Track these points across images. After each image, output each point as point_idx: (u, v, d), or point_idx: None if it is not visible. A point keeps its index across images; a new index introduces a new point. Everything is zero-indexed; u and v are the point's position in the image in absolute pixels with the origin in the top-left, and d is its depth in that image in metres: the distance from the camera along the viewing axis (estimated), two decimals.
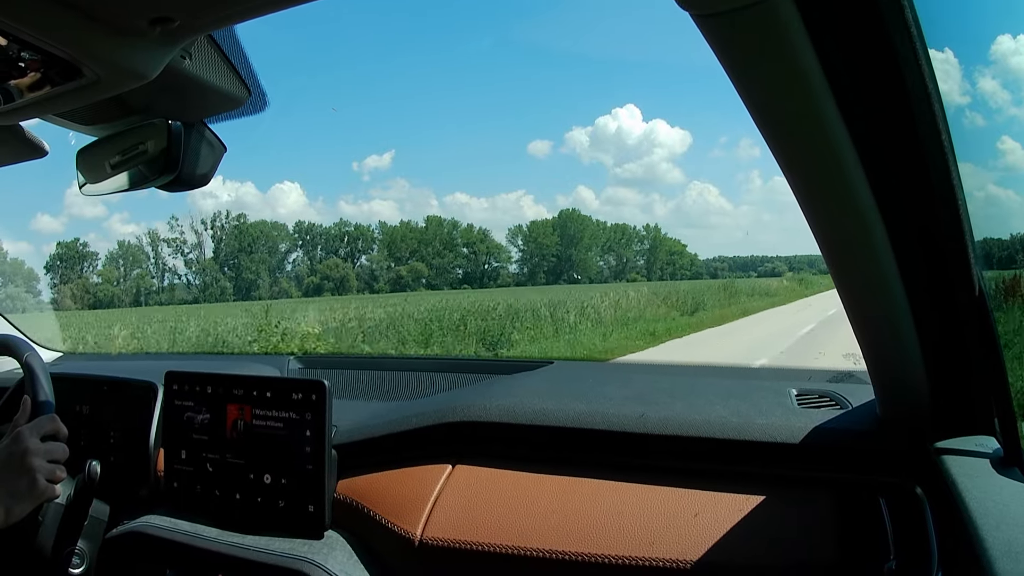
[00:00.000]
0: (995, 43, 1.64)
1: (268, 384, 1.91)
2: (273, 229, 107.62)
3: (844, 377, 2.08)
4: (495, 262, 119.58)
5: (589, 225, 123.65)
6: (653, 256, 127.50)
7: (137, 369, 2.43)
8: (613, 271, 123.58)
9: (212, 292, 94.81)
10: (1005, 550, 1.07)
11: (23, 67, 1.17)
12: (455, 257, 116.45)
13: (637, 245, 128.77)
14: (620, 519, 1.63)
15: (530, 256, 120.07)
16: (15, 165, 1.85)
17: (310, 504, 1.85)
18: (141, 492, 2.11)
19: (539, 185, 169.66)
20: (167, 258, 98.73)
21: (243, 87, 1.49)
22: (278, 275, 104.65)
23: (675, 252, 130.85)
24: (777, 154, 1.08)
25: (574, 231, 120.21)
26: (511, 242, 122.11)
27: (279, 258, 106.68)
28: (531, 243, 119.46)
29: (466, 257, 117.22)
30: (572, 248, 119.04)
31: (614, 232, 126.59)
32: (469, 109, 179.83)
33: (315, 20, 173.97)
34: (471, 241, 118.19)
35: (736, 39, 0.91)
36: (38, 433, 1.78)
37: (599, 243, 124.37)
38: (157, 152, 1.51)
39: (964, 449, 1.39)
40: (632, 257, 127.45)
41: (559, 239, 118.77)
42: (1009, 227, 2.05)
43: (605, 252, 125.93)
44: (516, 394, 2.01)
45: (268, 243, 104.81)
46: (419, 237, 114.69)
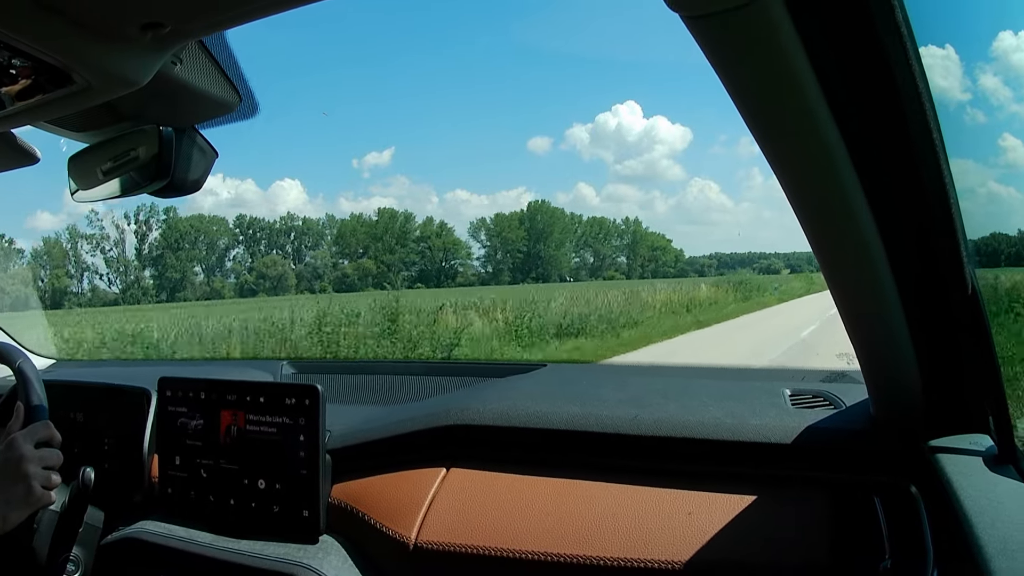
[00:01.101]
0: (996, 40, 1.65)
1: (261, 389, 1.91)
2: (212, 224, 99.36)
3: (838, 377, 2.09)
4: (453, 259, 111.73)
5: (560, 218, 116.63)
6: (633, 252, 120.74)
7: (131, 375, 2.43)
8: (590, 268, 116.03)
9: (133, 294, 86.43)
10: (1000, 548, 1.07)
11: (14, 74, 1.17)
12: (407, 253, 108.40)
13: (616, 240, 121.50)
14: (614, 521, 1.64)
15: (494, 252, 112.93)
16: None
17: (304, 509, 1.84)
18: (135, 498, 2.10)
19: (540, 182, 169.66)
20: (86, 256, 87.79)
21: (234, 92, 1.49)
22: (217, 273, 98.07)
23: (658, 248, 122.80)
24: (768, 154, 1.09)
25: (543, 225, 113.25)
26: (473, 237, 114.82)
27: (218, 255, 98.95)
28: (495, 238, 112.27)
29: (419, 253, 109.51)
30: (541, 243, 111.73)
31: (590, 226, 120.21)
32: (469, 106, 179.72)
33: (315, 19, 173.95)
34: (426, 236, 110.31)
35: (726, 40, 0.91)
36: (32, 439, 1.78)
37: (573, 238, 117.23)
38: (149, 158, 1.51)
39: (958, 447, 1.40)
40: (610, 253, 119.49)
41: (526, 234, 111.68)
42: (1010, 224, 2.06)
43: (581, 248, 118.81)
44: (510, 397, 2.01)
45: (207, 239, 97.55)
46: (369, 232, 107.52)
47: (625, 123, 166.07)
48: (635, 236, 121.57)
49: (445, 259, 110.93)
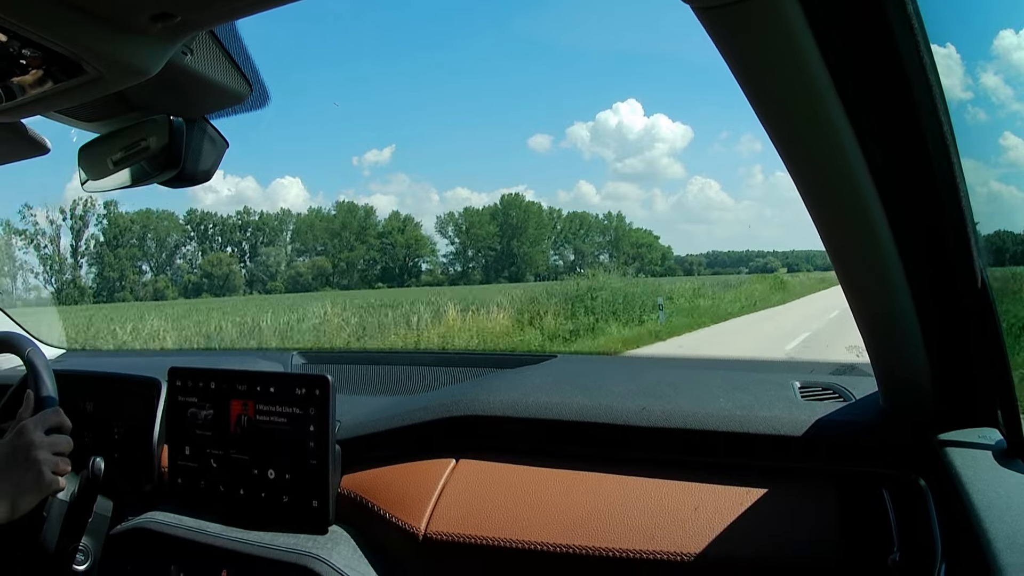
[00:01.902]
0: (998, 38, 1.63)
1: (271, 379, 1.92)
2: (162, 219, 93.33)
3: (847, 369, 2.08)
4: (417, 256, 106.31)
5: (535, 213, 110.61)
6: (616, 249, 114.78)
7: (140, 365, 2.43)
8: (569, 266, 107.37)
9: (69, 294, 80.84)
10: (1009, 542, 1.07)
11: (24, 64, 1.17)
12: (367, 251, 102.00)
13: (598, 237, 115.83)
14: (623, 512, 1.64)
15: (463, 249, 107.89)
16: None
17: (314, 499, 1.85)
18: (145, 488, 2.11)
19: (540, 180, 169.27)
20: (19, 253, 78.71)
21: (245, 83, 1.49)
22: (167, 271, 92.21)
23: (643, 244, 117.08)
24: (780, 149, 1.08)
25: (517, 220, 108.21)
26: (441, 232, 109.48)
27: (168, 252, 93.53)
28: (463, 234, 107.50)
29: (380, 250, 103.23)
30: (514, 240, 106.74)
31: (570, 222, 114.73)
32: (470, 104, 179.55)
33: (314, 16, 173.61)
34: (387, 231, 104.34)
35: (738, 32, 0.91)
36: (42, 426, 1.78)
37: (551, 234, 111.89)
38: (159, 148, 1.51)
39: (967, 441, 1.39)
40: (591, 250, 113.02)
41: (499, 229, 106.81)
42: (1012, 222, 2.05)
43: (559, 245, 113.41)
44: (519, 388, 2.01)
45: (156, 235, 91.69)
46: (327, 227, 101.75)
47: (626, 121, 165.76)
48: (617, 232, 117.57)
49: (409, 256, 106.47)
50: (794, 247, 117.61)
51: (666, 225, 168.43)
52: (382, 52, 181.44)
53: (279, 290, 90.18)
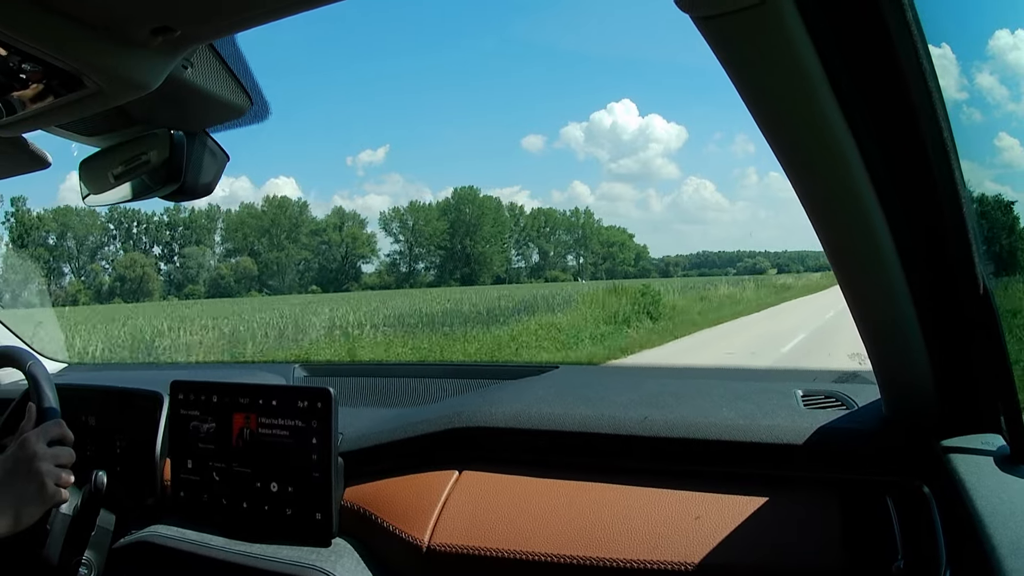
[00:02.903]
0: (993, 38, 1.64)
1: (273, 392, 1.92)
2: (81, 217, 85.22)
3: (849, 377, 2.08)
4: (357, 257, 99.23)
5: (491, 209, 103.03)
6: (584, 249, 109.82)
7: (142, 379, 2.43)
8: (532, 268, 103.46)
9: None
10: (1013, 548, 1.07)
11: (25, 78, 1.17)
12: (299, 250, 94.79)
13: (565, 235, 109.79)
14: (626, 523, 1.63)
15: (409, 249, 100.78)
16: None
17: (317, 512, 1.85)
18: (148, 502, 2.11)
19: (534, 180, 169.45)
20: None
21: (245, 96, 1.49)
22: (88, 274, 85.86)
23: (614, 243, 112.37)
24: (779, 155, 1.09)
25: (471, 217, 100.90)
26: (385, 230, 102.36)
27: (89, 253, 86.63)
28: (408, 232, 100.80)
29: (313, 250, 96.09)
30: (467, 239, 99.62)
31: (534, 219, 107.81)
32: (464, 104, 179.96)
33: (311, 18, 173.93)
34: (321, 229, 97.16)
35: (736, 41, 0.91)
36: (45, 438, 1.78)
37: (512, 233, 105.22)
38: (160, 162, 1.52)
39: (970, 447, 1.39)
40: (558, 250, 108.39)
41: (449, 227, 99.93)
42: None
43: (522, 244, 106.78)
44: (522, 399, 2.01)
45: (75, 235, 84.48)
46: (256, 224, 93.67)
47: (620, 121, 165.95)
48: (585, 230, 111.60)
49: (347, 257, 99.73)
50: (786, 248, 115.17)
51: (661, 225, 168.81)
52: (378, 53, 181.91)
53: (199, 294, 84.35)
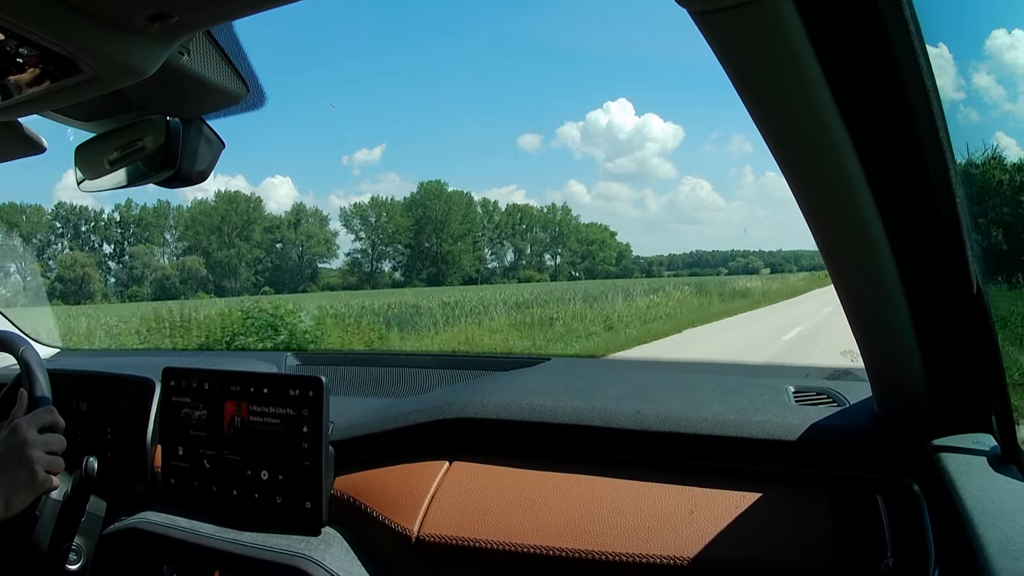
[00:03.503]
0: (990, 38, 1.64)
1: (265, 380, 1.91)
2: (28, 215, 78.18)
3: (841, 374, 2.08)
4: (312, 255, 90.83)
5: (459, 205, 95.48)
6: (560, 247, 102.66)
7: (135, 365, 2.43)
8: (505, 267, 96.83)
9: None
10: (1002, 547, 1.07)
11: (21, 63, 1.17)
12: (250, 248, 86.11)
13: (542, 232, 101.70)
14: (616, 516, 1.64)
15: (372, 247, 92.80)
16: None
17: (307, 501, 1.85)
18: (138, 488, 2.11)
19: (530, 180, 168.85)
20: None
21: (241, 83, 1.49)
22: (25, 274, 77.26)
23: (594, 241, 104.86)
24: (776, 152, 1.09)
25: (437, 213, 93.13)
26: (347, 227, 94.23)
27: (35, 252, 76.27)
28: (370, 229, 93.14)
29: (266, 249, 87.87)
30: (434, 236, 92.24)
31: (509, 216, 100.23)
32: (460, 103, 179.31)
33: (307, 15, 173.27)
34: (275, 226, 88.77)
35: (734, 36, 0.91)
36: (36, 425, 1.78)
37: (485, 230, 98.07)
38: (155, 148, 1.51)
39: (961, 447, 1.39)
40: (536, 248, 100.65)
41: (413, 223, 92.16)
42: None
43: (496, 242, 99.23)
44: (513, 391, 2.01)
45: (20, 232, 74.95)
46: (206, 221, 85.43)
47: (616, 121, 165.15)
48: (561, 227, 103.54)
49: (304, 256, 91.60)
50: (781, 247, 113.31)
51: (658, 225, 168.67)
52: (373, 52, 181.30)
53: (144, 296, 76.56)
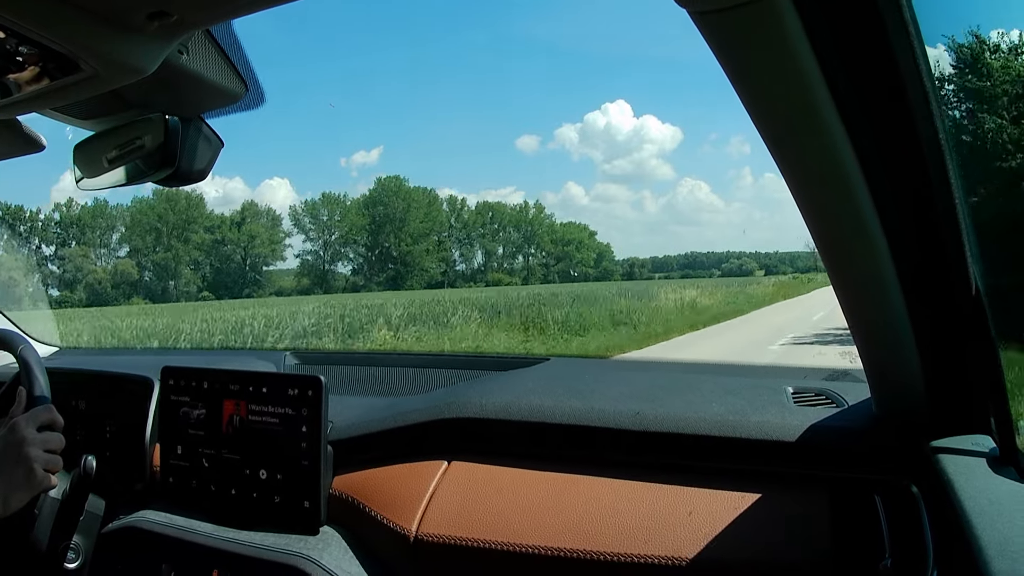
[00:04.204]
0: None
1: (264, 380, 1.91)
2: None
3: (840, 375, 2.09)
4: (257, 257, 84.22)
5: (421, 203, 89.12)
6: (532, 247, 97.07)
7: (133, 364, 2.43)
8: (474, 269, 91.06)
9: None
10: (1000, 549, 1.07)
11: (20, 61, 1.17)
12: (189, 250, 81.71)
13: (513, 232, 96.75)
14: (615, 516, 1.64)
15: (323, 248, 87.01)
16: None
17: (306, 500, 1.85)
18: (137, 487, 2.11)
19: (529, 181, 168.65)
20: None
21: (240, 82, 1.49)
22: None
23: (570, 241, 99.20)
24: (774, 151, 1.09)
25: (396, 211, 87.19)
26: (298, 226, 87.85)
27: None
28: (321, 228, 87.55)
29: (206, 251, 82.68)
30: (392, 236, 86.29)
31: (479, 215, 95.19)
32: (458, 105, 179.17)
33: (305, 16, 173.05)
34: (216, 225, 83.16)
35: (734, 36, 0.91)
36: (34, 423, 1.78)
37: (451, 230, 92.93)
38: (154, 147, 1.52)
39: (960, 448, 1.39)
40: (508, 250, 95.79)
41: (369, 222, 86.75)
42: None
43: (465, 243, 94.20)
44: (512, 391, 2.01)
45: None
46: (143, 221, 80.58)
47: (614, 122, 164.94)
48: (533, 225, 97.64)
49: (248, 258, 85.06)
50: (778, 248, 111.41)
51: (656, 227, 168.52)
52: (370, 53, 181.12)
53: (75, 302, 72.81)
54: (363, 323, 29.01)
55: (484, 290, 64.94)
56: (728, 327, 29.29)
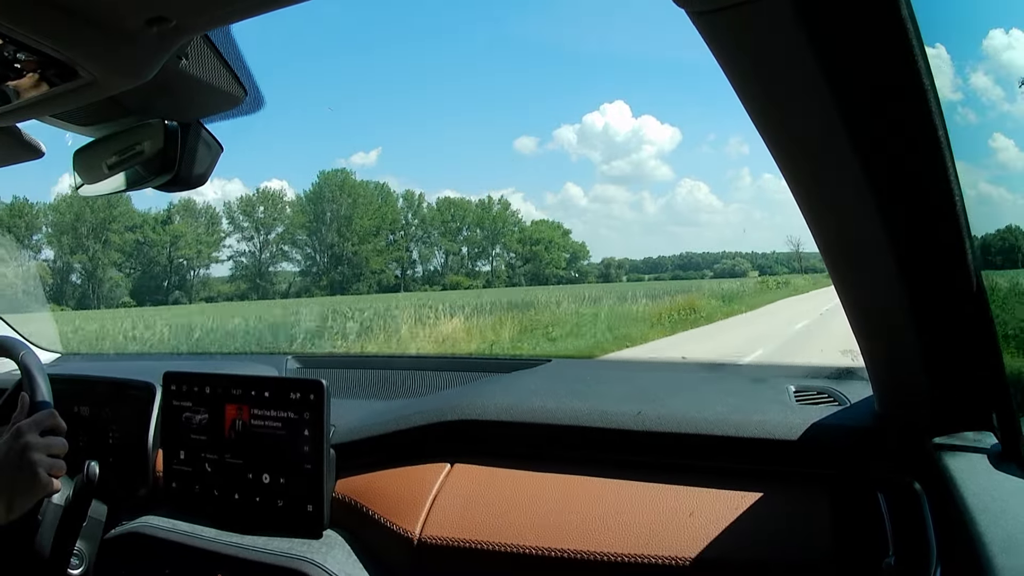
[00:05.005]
0: (987, 38, 1.64)
1: (266, 384, 1.92)
2: None
3: (842, 374, 2.08)
4: (182, 259, 73.03)
5: (370, 198, 78.22)
6: (497, 247, 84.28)
7: (135, 370, 2.43)
8: (430, 271, 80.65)
9: None
10: (1003, 545, 1.07)
11: (19, 68, 1.17)
12: (108, 252, 69.69)
13: (476, 231, 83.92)
14: (618, 517, 1.64)
15: (259, 249, 75.64)
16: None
17: (309, 504, 1.85)
18: (140, 492, 2.11)
19: (528, 183, 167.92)
20: None
21: (239, 87, 1.49)
22: None
23: (539, 241, 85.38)
24: (774, 151, 1.09)
25: (342, 208, 76.59)
26: (234, 225, 76.16)
27: None
28: (258, 226, 75.86)
29: (127, 252, 71.05)
30: (336, 235, 75.90)
31: (440, 211, 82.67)
32: (456, 105, 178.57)
33: (304, 17, 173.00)
34: (137, 224, 71.42)
35: (732, 36, 0.91)
36: (37, 428, 1.77)
37: (408, 228, 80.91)
38: (154, 152, 1.51)
39: (962, 444, 1.39)
40: (471, 249, 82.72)
41: (309, 219, 76.53)
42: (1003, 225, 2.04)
43: (422, 241, 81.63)
44: (514, 393, 2.02)
45: None
46: (59, 220, 68.37)
47: (613, 123, 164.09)
48: (497, 224, 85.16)
49: (171, 260, 74.37)
50: (775, 249, 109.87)
51: (655, 227, 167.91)
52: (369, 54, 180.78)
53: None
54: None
55: (439, 294, 62.64)
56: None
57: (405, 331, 26.74)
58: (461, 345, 24.34)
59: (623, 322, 28.39)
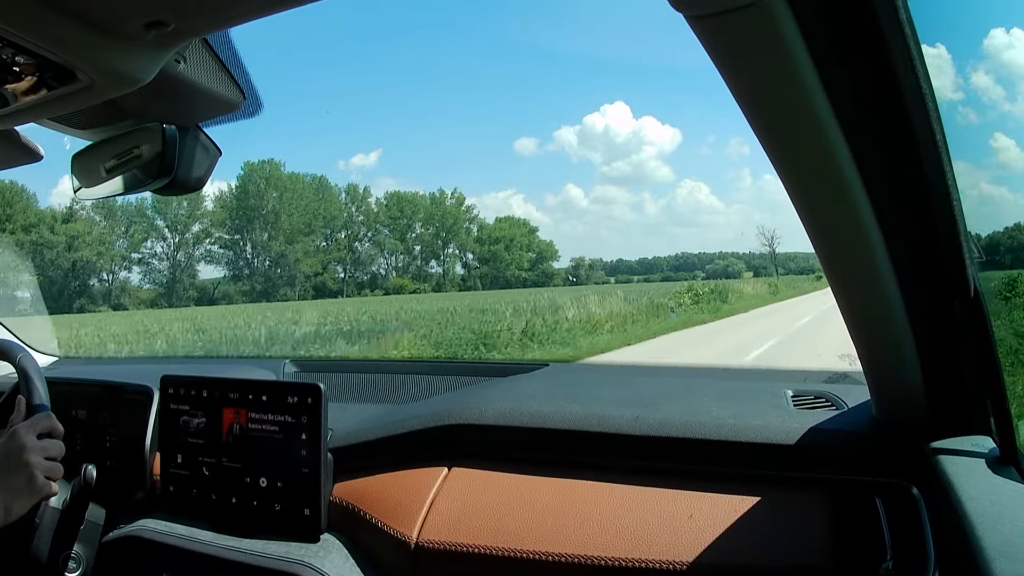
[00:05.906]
0: (988, 37, 1.63)
1: (263, 388, 1.91)
2: None
3: (840, 378, 2.08)
4: (84, 263, 62.13)
5: (303, 193, 69.92)
6: (450, 246, 76.38)
7: (133, 373, 2.43)
8: (373, 274, 73.19)
9: None
10: (1001, 550, 1.07)
11: (17, 71, 1.17)
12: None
13: (425, 228, 75.07)
14: (616, 521, 1.64)
15: (174, 250, 66.45)
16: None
17: (306, 507, 1.84)
18: (137, 496, 2.11)
19: (528, 184, 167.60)
20: None
21: (238, 90, 1.49)
22: None
23: (499, 240, 77.43)
24: (771, 154, 1.09)
25: (270, 204, 67.77)
26: (145, 220, 65.97)
27: None
28: (173, 225, 66.34)
29: (26, 255, 53.11)
30: (264, 234, 67.42)
31: (388, 207, 73.88)
32: (455, 106, 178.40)
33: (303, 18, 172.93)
34: (34, 224, 60.86)
35: (730, 40, 0.91)
36: (35, 431, 1.77)
37: (353, 226, 72.11)
38: (152, 156, 1.51)
39: (960, 449, 1.39)
40: (424, 249, 74.31)
41: (230, 216, 68.01)
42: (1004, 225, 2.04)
43: (368, 239, 72.43)
44: (511, 397, 2.01)
45: None
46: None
47: (613, 124, 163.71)
48: (444, 219, 76.68)
49: (73, 265, 63.53)
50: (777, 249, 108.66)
51: (656, 228, 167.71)
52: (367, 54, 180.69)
53: None
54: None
55: (379, 299, 58.97)
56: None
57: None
58: None
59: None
